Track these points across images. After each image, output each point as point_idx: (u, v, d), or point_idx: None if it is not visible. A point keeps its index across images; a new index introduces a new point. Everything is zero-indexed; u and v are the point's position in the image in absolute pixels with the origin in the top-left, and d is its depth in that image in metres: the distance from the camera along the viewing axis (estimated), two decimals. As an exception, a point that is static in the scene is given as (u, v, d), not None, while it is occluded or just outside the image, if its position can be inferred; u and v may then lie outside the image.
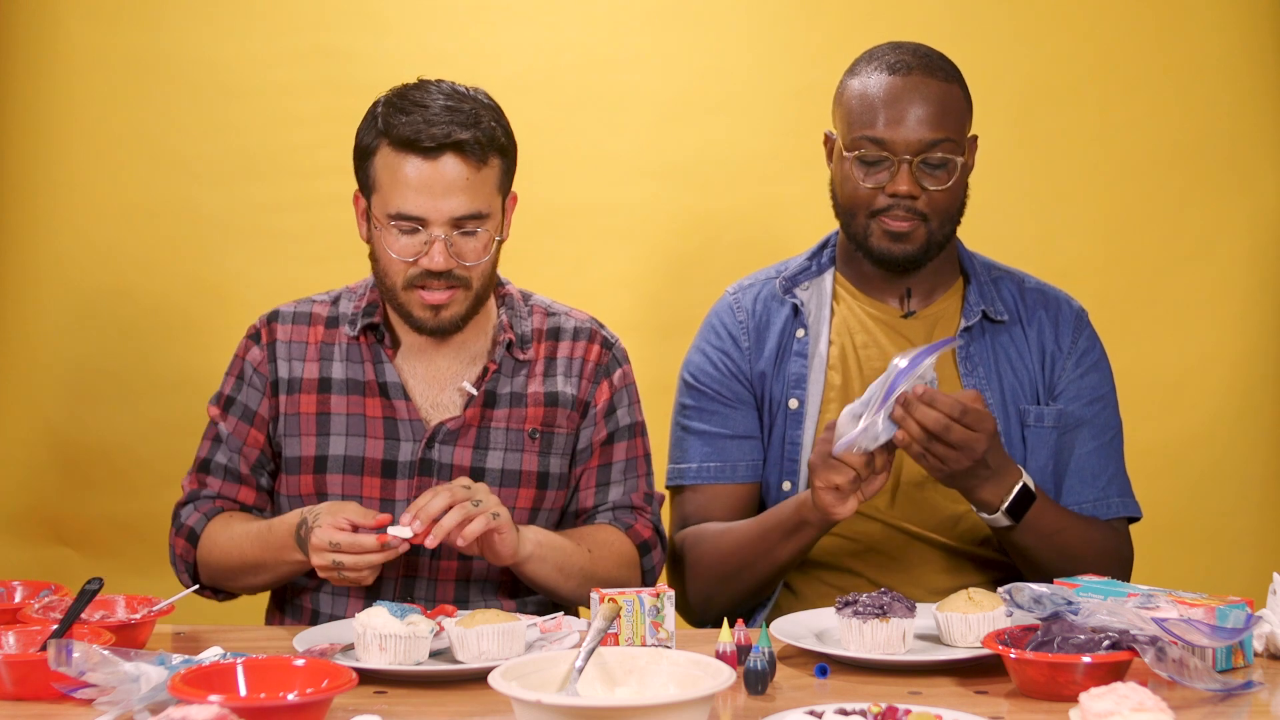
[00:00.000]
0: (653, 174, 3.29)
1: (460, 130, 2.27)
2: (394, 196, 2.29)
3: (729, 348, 2.59)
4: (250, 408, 2.44)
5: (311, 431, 2.41)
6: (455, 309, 2.34)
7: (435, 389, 2.42)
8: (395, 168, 2.29)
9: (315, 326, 2.46)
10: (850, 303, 2.58)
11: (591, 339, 2.48)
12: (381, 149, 2.31)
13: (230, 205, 3.28)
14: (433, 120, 2.27)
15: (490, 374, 2.40)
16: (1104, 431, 2.56)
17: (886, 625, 2.04)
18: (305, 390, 2.42)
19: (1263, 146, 3.29)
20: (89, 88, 3.27)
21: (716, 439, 2.55)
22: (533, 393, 2.43)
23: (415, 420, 2.39)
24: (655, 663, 1.81)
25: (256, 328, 2.48)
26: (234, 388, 2.46)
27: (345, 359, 2.43)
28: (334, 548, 2.14)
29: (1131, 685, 1.66)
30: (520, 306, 2.48)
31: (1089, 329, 2.60)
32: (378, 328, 2.42)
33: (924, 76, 2.45)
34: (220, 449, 2.45)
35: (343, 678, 1.78)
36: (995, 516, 2.33)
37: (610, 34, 3.31)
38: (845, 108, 2.50)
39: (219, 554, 2.38)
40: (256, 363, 2.45)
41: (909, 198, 2.44)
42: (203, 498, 2.44)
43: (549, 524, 2.44)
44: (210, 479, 2.45)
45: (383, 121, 2.31)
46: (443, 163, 2.28)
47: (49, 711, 1.85)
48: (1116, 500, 2.54)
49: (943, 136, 2.44)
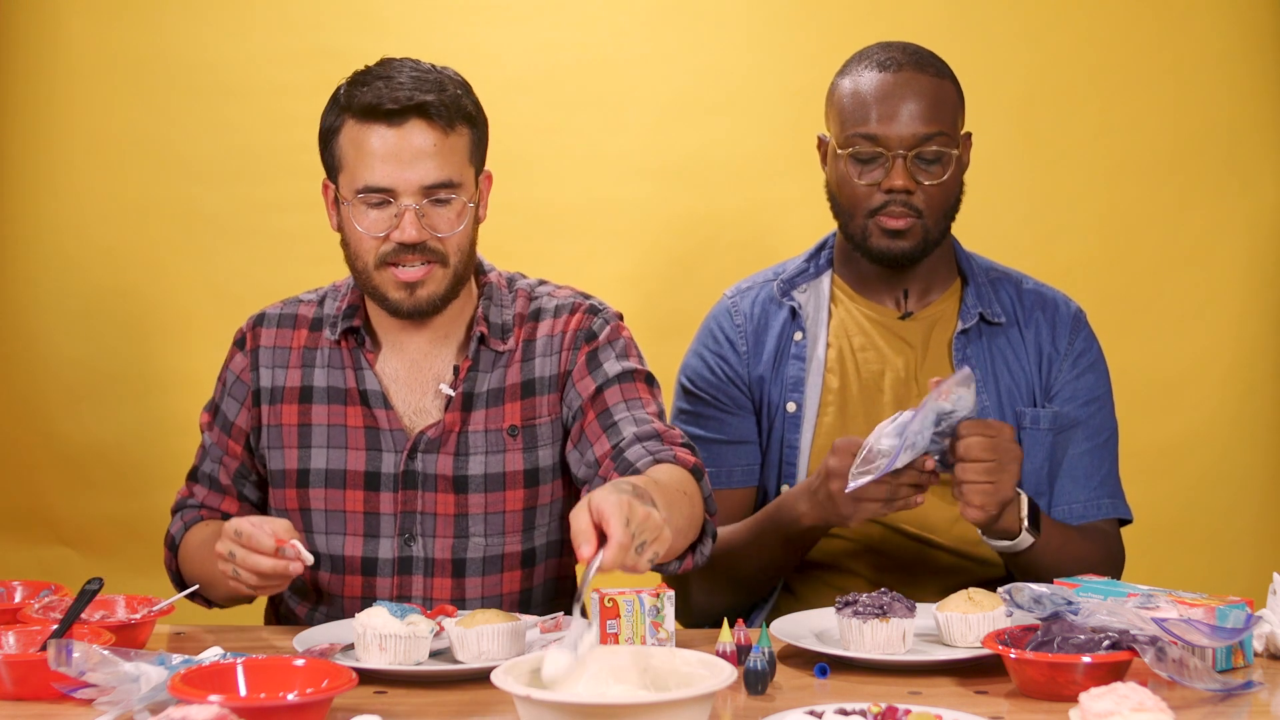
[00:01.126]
0: (653, 174, 3.30)
1: (423, 93, 2.23)
2: (360, 170, 2.24)
3: (726, 353, 2.59)
4: (229, 418, 2.42)
5: (294, 444, 2.37)
6: (433, 287, 2.27)
7: (416, 393, 2.36)
8: (360, 140, 2.24)
9: (299, 330, 2.41)
10: (848, 305, 2.58)
11: (573, 311, 2.38)
12: (345, 125, 2.26)
13: (230, 205, 3.28)
14: (396, 86, 2.23)
15: (465, 372, 2.34)
16: (1098, 433, 2.56)
17: (886, 625, 2.04)
18: (287, 400, 2.38)
19: (1263, 146, 3.29)
20: (89, 88, 3.27)
21: (712, 445, 2.55)
22: (510, 385, 2.35)
23: (396, 430, 2.33)
24: (664, 662, 1.80)
25: (243, 332, 2.44)
26: (220, 396, 2.44)
27: (327, 365, 2.38)
28: (235, 536, 2.06)
29: (1131, 685, 1.66)
30: (502, 294, 2.40)
31: (1086, 330, 2.60)
32: (358, 331, 2.38)
33: (915, 72, 2.46)
34: (206, 459, 2.44)
35: (343, 678, 1.78)
36: (1020, 538, 2.30)
37: (610, 34, 3.31)
38: (837, 107, 2.50)
39: (191, 564, 2.36)
40: (239, 371, 2.42)
41: (904, 192, 2.44)
42: (188, 506, 2.44)
43: (550, 519, 2.39)
44: (197, 488, 2.44)
45: (344, 98, 2.26)
46: (408, 129, 2.22)
47: (49, 711, 1.85)
48: (1107, 502, 2.54)
49: (936, 130, 2.44)
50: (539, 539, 2.40)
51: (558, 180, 3.26)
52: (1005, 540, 2.32)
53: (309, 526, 2.35)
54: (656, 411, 2.33)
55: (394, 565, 2.33)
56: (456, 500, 2.33)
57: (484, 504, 2.34)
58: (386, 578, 2.34)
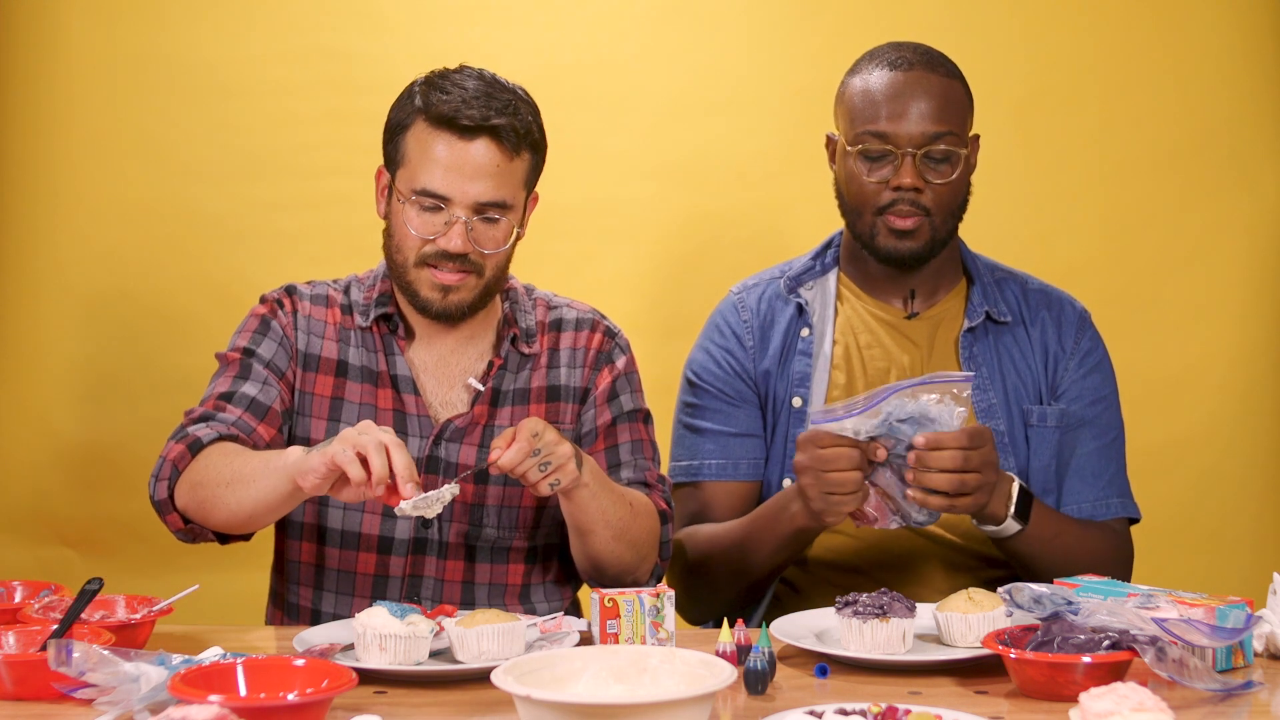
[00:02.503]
0: (653, 174, 3.30)
1: (497, 116, 2.28)
2: (422, 172, 2.29)
3: (733, 346, 2.59)
4: (279, 365, 2.38)
5: (324, 415, 2.40)
6: (464, 294, 2.33)
7: (445, 385, 2.41)
8: (428, 143, 2.29)
9: (332, 309, 2.44)
10: (854, 303, 2.59)
11: (594, 329, 2.48)
12: (416, 124, 2.30)
13: (231, 205, 3.28)
14: (471, 102, 2.27)
15: (496, 369, 2.40)
16: (1105, 432, 2.56)
17: (886, 625, 2.04)
18: (323, 370, 2.40)
19: (1263, 146, 3.29)
20: (89, 88, 3.27)
21: (720, 436, 2.56)
22: (536, 387, 2.43)
23: (424, 416, 2.39)
24: (665, 662, 1.81)
25: (278, 297, 2.43)
26: (257, 342, 2.39)
27: (361, 345, 2.41)
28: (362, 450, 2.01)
29: (1131, 685, 1.66)
30: (524, 300, 2.48)
31: (1092, 330, 2.60)
32: (391, 318, 2.41)
33: (925, 72, 2.46)
34: (246, 383, 2.35)
35: (343, 678, 1.78)
36: (1005, 524, 2.32)
37: (610, 34, 3.31)
38: (847, 105, 2.50)
39: (210, 471, 2.23)
40: (284, 326, 2.41)
41: (913, 190, 2.44)
42: (219, 419, 2.31)
43: (553, 523, 2.43)
44: (231, 407, 2.33)
45: (421, 98, 2.31)
46: (476, 145, 2.27)
47: (49, 711, 1.85)
48: (1116, 501, 2.54)
49: (945, 130, 2.45)
50: (540, 538, 2.44)
51: (558, 180, 3.23)
52: (992, 525, 2.34)
53: (328, 500, 2.37)
54: (651, 455, 2.46)
55: (409, 545, 2.38)
56: (475, 490, 2.39)
57: (501, 496, 2.40)
58: (400, 557, 2.38)
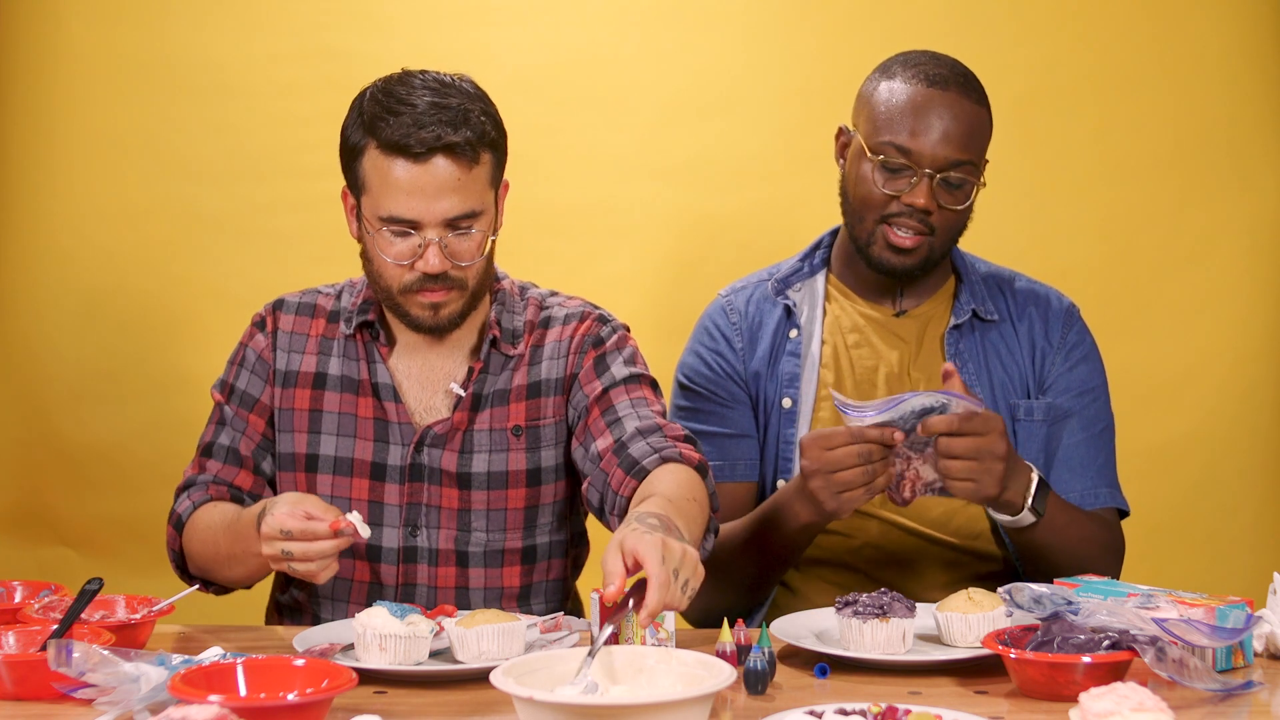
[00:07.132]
0: (653, 174, 3.30)
1: (450, 131, 2.22)
2: (385, 199, 2.25)
3: (723, 348, 2.59)
4: (251, 394, 2.43)
5: (304, 428, 2.40)
6: (453, 307, 2.32)
7: (428, 391, 2.40)
8: (385, 170, 2.24)
9: (318, 320, 2.44)
10: (843, 303, 2.59)
11: (582, 319, 2.42)
12: (369, 150, 2.25)
13: (229, 205, 3.29)
14: (421, 121, 2.21)
15: (476, 374, 2.38)
16: (1093, 423, 2.56)
17: (886, 625, 2.04)
18: (300, 385, 2.41)
19: (1263, 146, 3.29)
20: (89, 88, 3.27)
21: (716, 438, 2.55)
22: (516, 386, 2.39)
23: (405, 423, 2.37)
24: (664, 662, 1.81)
25: (262, 315, 2.47)
26: (236, 375, 2.45)
27: (343, 355, 2.41)
28: (285, 535, 2.05)
29: (1131, 685, 1.66)
30: (514, 301, 2.44)
31: (1079, 324, 2.60)
32: (373, 325, 2.40)
33: (959, 95, 2.44)
34: (224, 431, 2.42)
35: (343, 678, 1.78)
36: (1021, 515, 2.31)
37: (610, 34, 3.31)
38: (873, 107, 2.47)
39: (198, 544, 2.34)
40: (260, 349, 2.44)
41: (924, 212, 2.43)
42: (198, 484, 2.41)
43: (552, 519, 2.41)
44: (211, 462, 2.42)
45: (368, 121, 2.25)
46: (433, 165, 2.22)
47: (49, 711, 1.85)
48: (1105, 491, 2.54)
49: (966, 159, 2.43)
50: (540, 537, 2.42)
51: (558, 180, 3.26)
52: (1007, 515, 2.32)
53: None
54: (660, 410, 2.34)
55: (399, 554, 2.37)
56: (460, 495, 2.37)
57: (486, 500, 2.38)
58: (392, 565, 2.37)
